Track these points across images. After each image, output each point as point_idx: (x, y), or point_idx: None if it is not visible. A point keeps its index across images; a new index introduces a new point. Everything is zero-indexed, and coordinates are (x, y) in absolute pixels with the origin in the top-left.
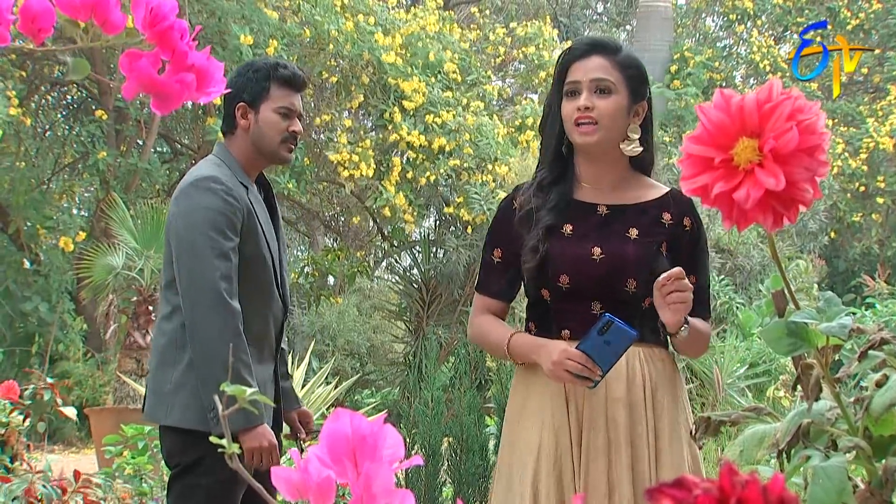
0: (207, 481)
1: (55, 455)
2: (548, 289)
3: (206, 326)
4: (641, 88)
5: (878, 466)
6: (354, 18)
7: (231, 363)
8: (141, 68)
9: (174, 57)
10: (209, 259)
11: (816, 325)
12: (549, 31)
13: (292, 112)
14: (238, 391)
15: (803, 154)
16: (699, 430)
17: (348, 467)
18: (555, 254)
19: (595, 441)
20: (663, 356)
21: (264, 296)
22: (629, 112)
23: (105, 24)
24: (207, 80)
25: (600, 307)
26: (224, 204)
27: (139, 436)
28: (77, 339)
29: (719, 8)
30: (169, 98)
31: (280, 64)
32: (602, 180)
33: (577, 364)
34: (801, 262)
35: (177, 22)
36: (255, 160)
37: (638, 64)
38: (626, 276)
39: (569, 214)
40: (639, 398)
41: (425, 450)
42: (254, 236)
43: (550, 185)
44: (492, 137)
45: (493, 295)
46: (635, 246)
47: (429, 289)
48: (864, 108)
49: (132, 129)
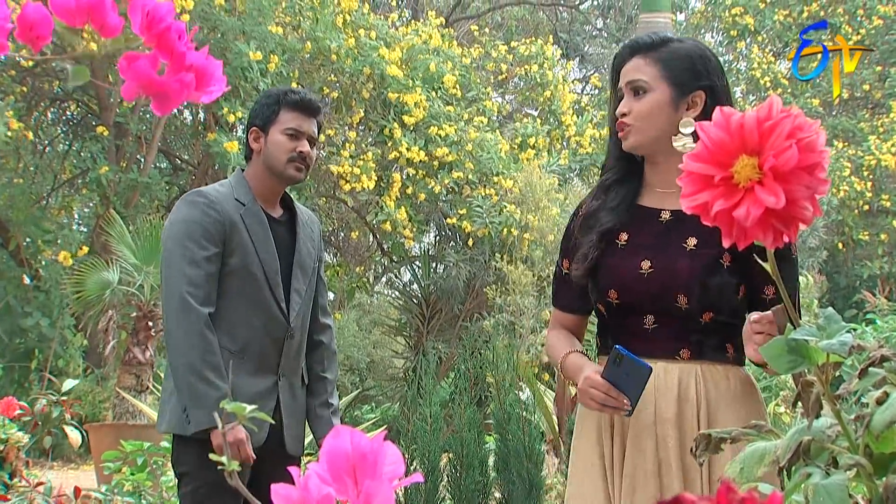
0: (194, 486)
1: (54, 471)
2: (601, 302)
3: (173, 331)
4: (690, 79)
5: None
6: (355, 33)
7: (195, 364)
8: (139, 69)
9: (173, 58)
10: (180, 266)
11: (816, 343)
12: (550, 49)
13: (300, 133)
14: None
15: (803, 172)
16: (699, 447)
17: (348, 485)
18: (604, 266)
19: (643, 465)
20: (730, 374)
21: (254, 309)
22: (675, 106)
23: (102, 27)
24: (207, 79)
25: (653, 322)
26: (202, 215)
27: (138, 452)
28: (77, 354)
29: (719, 24)
30: (168, 98)
31: (291, 90)
32: (671, 183)
33: (600, 393)
34: (802, 279)
35: (174, 23)
36: (267, 181)
37: (684, 54)
38: (676, 291)
39: (629, 220)
40: (691, 418)
41: (425, 465)
42: (240, 250)
43: (613, 185)
44: (494, 152)
45: (564, 308)
46: (690, 259)
47: (429, 304)
48: (865, 124)
49: (132, 144)
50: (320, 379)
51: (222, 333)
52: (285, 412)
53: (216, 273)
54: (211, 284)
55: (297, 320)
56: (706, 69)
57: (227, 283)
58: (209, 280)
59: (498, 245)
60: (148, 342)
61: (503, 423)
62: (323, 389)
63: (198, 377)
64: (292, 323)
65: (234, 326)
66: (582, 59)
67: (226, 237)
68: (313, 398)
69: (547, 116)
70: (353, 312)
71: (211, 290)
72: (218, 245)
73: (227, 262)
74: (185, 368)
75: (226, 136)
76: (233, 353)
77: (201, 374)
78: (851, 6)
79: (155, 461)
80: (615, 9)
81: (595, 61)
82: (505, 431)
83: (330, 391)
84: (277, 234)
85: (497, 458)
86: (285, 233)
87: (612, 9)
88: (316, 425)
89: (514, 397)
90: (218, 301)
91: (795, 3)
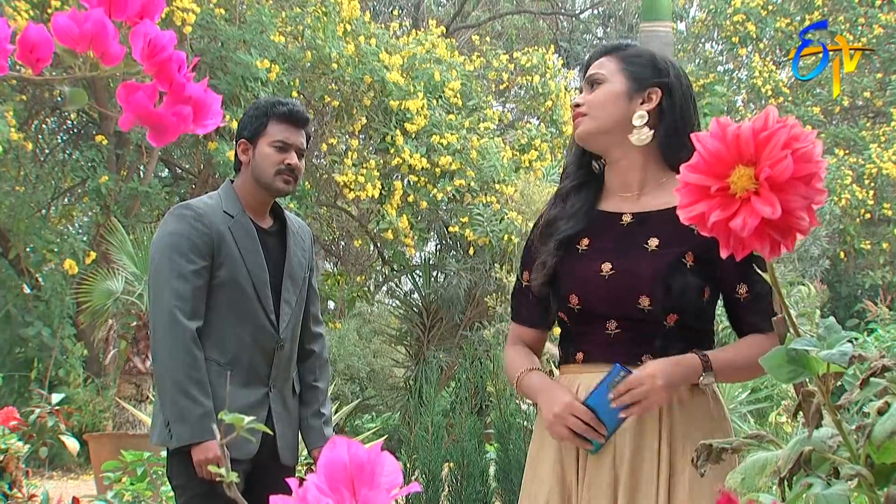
0: (187, 497)
1: (53, 481)
2: (562, 309)
3: (160, 345)
4: (646, 73)
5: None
6: (356, 41)
7: (179, 379)
8: (138, 101)
9: (172, 88)
10: (167, 279)
11: (817, 353)
12: (552, 57)
13: (288, 146)
14: (236, 419)
15: (799, 182)
16: (700, 457)
17: (346, 495)
18: (564, 271)
19: (599, 481)
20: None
21: (243, 321)
22: (628, 98)
23: (104, 55)
24: (205, 111)
25: (615, 327)
26: (190, 228)
27: (138, 462)
28: (77, 364)
29: (720, 33)
30: (166, 130)
31: (280, 101)
32: (630, 185)
33: (581, 422)
34: (804, 288)
35: (175, 53)
36: (255, 193)
37: (643, 52)
38: (639, 293)
39: (589, 226)
40: (650, 429)
41: (426, 475)
42: (229, 262)
43: (571, 192)
44: (497, 159)
45: (523, 322)
46: (652, 258)
47: (429, 313)
48: (866, 132)
49: (133, 153)
50: (312, 388)
51: (211, 346)
52: (277, 422)
53: (204, 286)
54: (199, 298)
55: (287, 331)
56: (667, 70)
57: (215, 296)
58: (197, 294)
59: (498, 254)
60: (148, 351)
61: (504, 433)
62: (315, 399)
63: (181, 393)
64: (282, 334)
65: (224, 339)
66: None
67: (214, 250)
68: (305, 408)
69: (548, 126)
70: (354, 321)
71: (199, 303)
72: (206, 258)
73: (215, 275)
74: (169, 383)
75: (227, 144)
76: (222, 366)
77: (185, 389)
78: (852, 14)
79: (155, 471)
80: (616, 18)
81: None
82: (506, 441)
83: (322, 400)
84: (267, 245)
85: (498, 467)
86: (275, 243)
87: (612, 18)
88: (308, 435)
89: (515, 407)
90: (207, 314)
91: (797, 11)
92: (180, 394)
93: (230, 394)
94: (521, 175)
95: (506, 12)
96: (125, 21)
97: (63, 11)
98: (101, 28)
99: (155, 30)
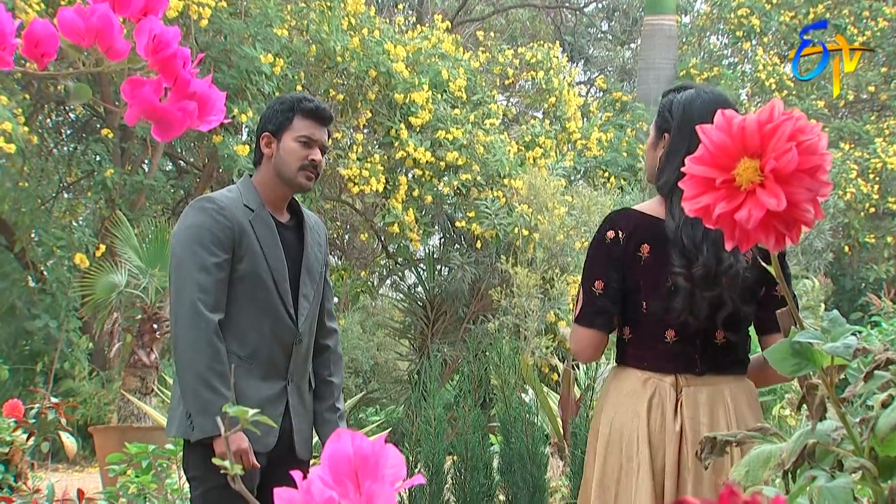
0: (204, 489)
1: (59, 474)
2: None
3: (182, 337)
4: (662, 123)
5: (884, 487)
6: (360, 34)
7: (201, 372)
8: (143, 96)
9: (176, 84)
10: (190, 272)
11: (821, 345)
12: (557, 52)
13: (313, 142)
14: (241, 412)
15: (804, 174)
16: (704, 450)
17: (350, 488)
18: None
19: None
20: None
21: (263, 315)
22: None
23: (109, 50)
24: (209, 107)
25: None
26: (212, 221)
27: (143, 454)
28: (82, 357)
29: (725, 26)
30: (170, 125)
31: (305, 98)
32: None
33: None
34: (808, 282)
35: (179, 49)
36: (276, 187)
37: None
38: None
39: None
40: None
41: (429, 468)
42: (249, 255)
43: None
44: (503, 154)
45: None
46: None
47: (433, 306)
48: (871, 126)
49: (138, 147)
50: (327, 383)
51: (231, 339)
52: (294, 416)
53: (226, 279)
54: (221, 290)
55: (306, 325)
56: (668, 115)
57: (236, 289)
58: (219, 286)
59: (504, 247)
60: (153, 344)
61: (507, 426)
62: (329, 393)
63: (204, 385)
64: (301, 328)
65: (244, 332)
66: (587, 61)
67: (235, 243)
68: (320, 402)
69: (553, 121)
70: (358, 315)
71: (221, 296)
72: (228, 251)
73: (236, 268)
74: (191, 375)
75: (232, 137)
76: (242, 359)
77: (207, 381)
78: (857, 8)
79: (160, 463)
80: (620, 11)
81: (599, 64)
82: (509, 434)
83: (336, 395)
84: (286, 240)
85: (501, 460)
86: (293, 238)
87: (616, 11)
88: (323, 429)
89: (519, 400)
90: (227, 306)
91: (801, 4)
92: (203, 386)
93: (249, 387)
94: (528, 168)
95: (510, 6)
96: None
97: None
98: (107, 23)
99: (160, 26)
